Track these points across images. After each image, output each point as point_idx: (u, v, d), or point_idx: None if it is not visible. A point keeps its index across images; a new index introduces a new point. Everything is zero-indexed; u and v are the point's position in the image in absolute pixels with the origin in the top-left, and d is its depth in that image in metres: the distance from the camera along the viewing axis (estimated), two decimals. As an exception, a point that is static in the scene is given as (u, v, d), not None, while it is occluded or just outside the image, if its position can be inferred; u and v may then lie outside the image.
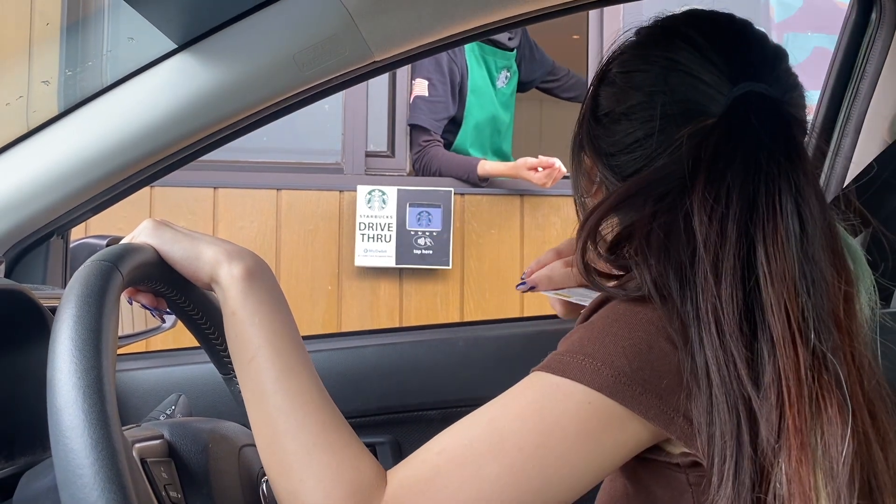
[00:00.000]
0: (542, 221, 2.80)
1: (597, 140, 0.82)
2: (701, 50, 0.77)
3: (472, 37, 1.16)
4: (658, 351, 0.67)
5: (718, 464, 0.64)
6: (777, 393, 0.63)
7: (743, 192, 0.68)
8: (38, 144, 1.09)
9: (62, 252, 1.22)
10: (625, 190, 0.76)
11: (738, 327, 0.65)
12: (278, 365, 0.69)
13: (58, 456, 0.52)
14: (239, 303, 0.71)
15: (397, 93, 2.90)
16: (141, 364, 1.38)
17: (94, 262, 0.63)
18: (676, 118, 0.75)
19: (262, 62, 1.06)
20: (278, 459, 0.67)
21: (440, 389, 1.38)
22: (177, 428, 0.71)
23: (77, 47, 1.25)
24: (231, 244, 0.75)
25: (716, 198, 0.68)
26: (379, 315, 2.74)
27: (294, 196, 2.74)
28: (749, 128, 0.71)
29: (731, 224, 0.67)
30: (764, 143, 0.70)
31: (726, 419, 0.64)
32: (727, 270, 0.66)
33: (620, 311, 0.70)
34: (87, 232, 2.13)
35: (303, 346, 0.72)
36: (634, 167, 0.78)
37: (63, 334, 0.57)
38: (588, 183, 0.86)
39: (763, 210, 0.68)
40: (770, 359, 0.64)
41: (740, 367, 0.64)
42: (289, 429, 0.67)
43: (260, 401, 0.69)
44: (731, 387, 0.64)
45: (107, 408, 0.53)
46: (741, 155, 0.70)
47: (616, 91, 0.81)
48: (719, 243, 0.67)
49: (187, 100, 1.07)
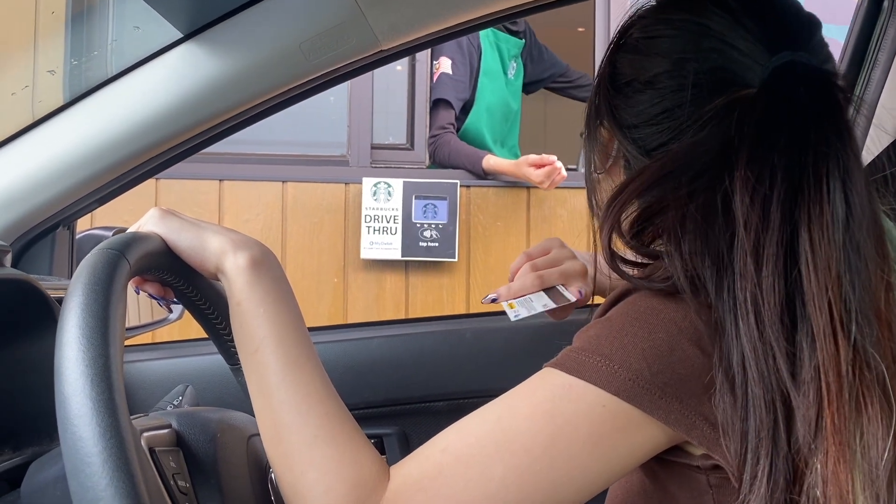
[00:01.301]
0: (549, 214, 2.79)
1: (616, 110, 0.76)
2: (734, 14, 0.71)
3: (478, 25, 1.15)
4: (680, 353, 0.63)
5: (752, 463, 0.60)
6: (816, 389, 0.59)
7: (788, 172, 0.63)
8: (43, 135, 1.08)
9: (68, 243, 1.22)
10: (659, 167, 0.70)
11: (779, 318, 0.61)
12: (282, 356, 0.68)
13: (66, 444, 0.52)
14: (245, 293, 0.70)
15: (416, 86, 2.89)
16: (147, 355, 1.38)
17: (102, 250, 0.63)
18: (708, 88, 0.70)
19: (269, 51, 1.06)
20: (281, 452, 0.66)
21: (447, 381, 1.37)
22: (185, 417, 0.71)
23: (82, 37, 1.25)
24: (237, 233, 0.74)
25: (758, 177, 0.63)
26: (385, 308, 2.74)
27: (299, 188, 2.74)
28: (796, 102, 0.65)
29: (774, 206, 0.62)
30: (812, 119, 0.64)
31: (763, 415, 0.60)
32: (769, 257, 0.61)
33: (641, 308, 0.66)
34: (92, 223, 2.13)
35: (308, 337, 0.72)
36: (659, 140, 0.73)
37: (70, 322, 0.56)
38: (603, 157, 0.80)
39: (809, 192, 0.62)
40: (810, 353, 0.60)
41: (780, 361, 0.60)
42: (291, 421, 0.66)
43: (264, 392, 0.68)
44: (769, 381, 0.60)
45: (115, 396, 0.53)
46: (788, 131, 0.64)
47: (638, 58, 0.75)
48: (761, 227, 0.62)
49: (193, 89, 1.07)
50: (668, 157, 0.70)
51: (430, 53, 2.86)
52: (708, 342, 0.63)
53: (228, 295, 0.72)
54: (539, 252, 1.02)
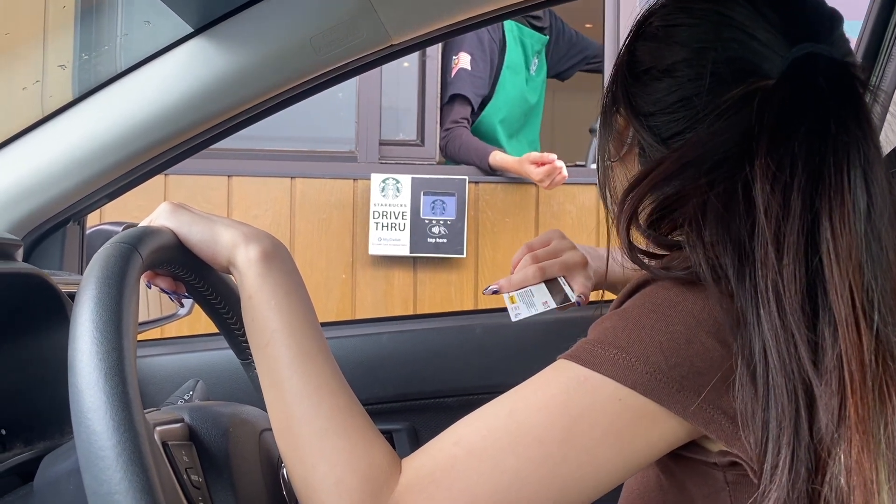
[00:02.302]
0: (558, 210, 2.78)
1: (634, 98, 0.76)
2: (755, 5, 0.71)
3: (489, 20, 1.15)
4: (698, 346, 0.62)
5: (773, 452, 0.60)
6: (839, 379, 0.59)
7: (809, 161, 0.63)
8: (54, 130, 1.08)
9: (79, 238, 1.22)
10: (678, 157, 0.70)
11: (801, 306, 0.60)
12: (294, 348, 0.68)
13: (80, 438, 0.52)
14: (256, 286, 0.70)
15: (427, 82, 2.88)
16: (157, 350, 1.38)
17: (114, 244, 0.63)
18: (726, 78, 0.70)
19: (279, 46, 1.05)
20: (292, 444, 0.66)
21: (457, 376, 1.37)
22: (197, 412, 0.70)
23: (92, 31, 1.25)
24: (248, 226, 0.74)
25: (779, 166, 0.63)
26: (393, 304, 2.73)
27: (308, 184, 2.74)
28: (816, 91, 0.65)
29: (795, 195, 0.62)
30: (832, 108, 0.64)
31: (784, 405, 0.59)
32: (790, 245, 0.61)
33: (658, 300, 0.65)
34: (101, 219, 2.13)
35: (319, 330, 0.71)
36: (675, 129, 0.73)
37: (84, 316, 0.56)
38: (618, 145, 0.80)
39: (830, 181, 0.62)
40: (832, 342, 0.60)
41: (801, 349, 0.60)
42: (303, 414, 0.66)
43: (275, 385, 0.68)
44: (791, 370, 0.60)
45: (129, 390, 0.52)
46: (808, 120, 0.64)
47: (657, 46, 0.76)
48: (782, 216, 0.62)
49: (203, 85, 1.07)
50: (687, 146, 0.70)
51: (442, 49, 2.86)
52: (727, 333, 0.63)
53: (240, 288, 0.72)
54: (540, 243, 1.02)
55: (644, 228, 0.71)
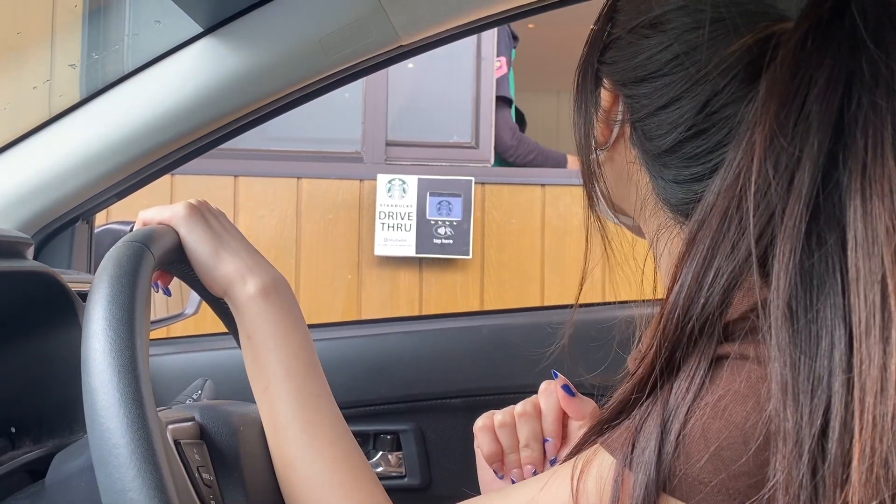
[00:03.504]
0: (564, 211, 2.78)
1: (618, 63, 0.62)
2: None
3: (499, 20, 1.15)
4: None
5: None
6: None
7: (824, 121, 0.49)
8: (63, 129, 1.09)
9: (87, 237, 1.22)
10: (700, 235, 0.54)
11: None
12: (293, 394, 0.68)
13: (93, 435, 0.52)
14: (255, 325, 0.70)
15: (482, 85, 2.89)
16: (165, 350, 1.38)
17: (126, 242, 0.63)
18: (731, 23, 0.56)
19: (288, 46, 1.05)
20: (290, 491, 0.66)
21: (464, 378, 1.37)
22: (208, 411, 0.71)
23: (101, 30, 1.25)
24: (253, 256, 0.73)
25: (792, 135, 0.50)
26: (399, 305, 2.73)
27: (314, 185, 2.74)
28: (845, 28, 0.50)
29: (803, 171, 0.49)
30: (867, 48, 0.49)
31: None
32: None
33: None
34: (108, 218, 2.14)
35: (320, 371, 0.71)
36: (672, 93, 0.58)
37: (97, 314, 0.56)
38: (605, 128, 0.65)
39: (859, 152, 0.48)
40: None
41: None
42: (300, 462, 0.66)
43: (275, 431, 0.68)
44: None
45: (142, 388, 0.53)
46: (827, 66, 0.50)
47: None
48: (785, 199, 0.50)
49: (213, 84, 1.07)
50: (705, 217, 0.54)
51: (496, 50, 2.88)
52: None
53: (239, 325, 0.71)
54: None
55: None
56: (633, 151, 0.64)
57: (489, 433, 0.76)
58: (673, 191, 0.61)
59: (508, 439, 0.76)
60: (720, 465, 0.49)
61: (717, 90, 0.56)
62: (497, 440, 0.76)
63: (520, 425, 0.75)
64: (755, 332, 0.51)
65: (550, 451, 0.75)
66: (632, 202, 0.66)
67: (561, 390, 0.74)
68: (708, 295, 0.52)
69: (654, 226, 0.64)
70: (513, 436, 0.76)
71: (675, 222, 0.62)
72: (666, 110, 0.59)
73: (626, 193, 0.67)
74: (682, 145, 0.59)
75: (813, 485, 0.46)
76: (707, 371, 0.52)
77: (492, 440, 0.76)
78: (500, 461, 0.77)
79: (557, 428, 0.75)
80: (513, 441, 0.76)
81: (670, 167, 0.60)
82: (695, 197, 0.59)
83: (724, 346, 0.52)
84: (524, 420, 0.75)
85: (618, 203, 0.69)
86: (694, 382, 0.52)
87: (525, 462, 0.75)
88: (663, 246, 0.63)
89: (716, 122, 0.57)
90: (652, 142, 0.61)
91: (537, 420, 0.75)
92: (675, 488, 0.50)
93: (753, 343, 0.51)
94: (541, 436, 0.75)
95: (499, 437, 0.76)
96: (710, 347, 0.52)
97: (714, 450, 0.49)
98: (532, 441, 0.74)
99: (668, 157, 0.60)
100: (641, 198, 0.64)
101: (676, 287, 0.54)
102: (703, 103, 0.57)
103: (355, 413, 1.30)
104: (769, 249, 0.51)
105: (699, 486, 0.49)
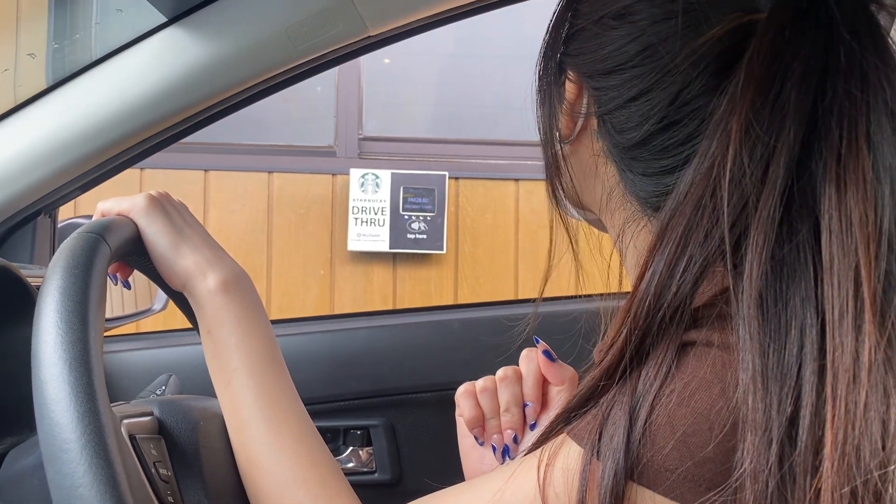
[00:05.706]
0: (538, 206, 2.78)
1: (584, 55, 0.61)
2: None
3: (469, 12, 1.14)
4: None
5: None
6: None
7: (799, 110, 0.49)
8: (24, 120, 1.06)
9: (50, 231, 1.20)
10: (670, 228, 0.54)
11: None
12: (255, 390, 0.67)
13: (43, 430, 0.50)
14: (215, 321, 0.68)
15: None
16: (130, 346, 1.36)
17: (81, 233, 0.62)
18: (702, 13, 0.55)
19: (255, 36, 1.04)
20: (255, 491, 0.65)
21: (435, 372, 1.36)
22: (167, 405, 0.69)
23: (65, 19, 1.23)
24: (214, 250, 0.72)
25: (768, 124, 0.50)
26: (372, 300, 2.72)
27: (286, 179, 2.72)
28: (821, 19, 0.51)
29: (777, 161, 0.49)
30: (843, 42, 0.50)
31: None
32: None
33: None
34: (76, 212, 2.10)
35: (283, 367, 0.70)
36: (641, 86, 0.58)
37: (49, 306, 0.55)
38: (569, 121, 0.64)
39: (833, 141, 0.48)
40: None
41: None
42: (263, 459, 0.65)
43: (238, 429, 0.67)
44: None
45: (94, 381, 0.51)
46: (806, 60, 0.50)
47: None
48: (760, 189, 0.50)
49: (178, 74, 1.05)
50: (676, 208, 0.55)
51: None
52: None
53: (199, 319, 0.70)
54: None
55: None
56: (599, 144, 0.63)
57: (471, 398, 0.76)
58: (642, 184, 0.60)
59: (490, 404, 0.76)
60: (686, 453, 0.49)
61: (689, 81, 0.56)
62: (478, 405, 0.76)
63: (501, 389, 0.75)
64: (722, 318, 0.52)
65: (530, 415, 0.75)
66: (596, 196, 0.65)
67: (542, 355, 0.75)
68: (680, 282, 0.52)
69: (621, 219, 0.63)
70: (494, 400, 0.76)
71: (642, 215, 0.61)
72: (636, 102, 0.58)
73: (591, 187, 0.66)
74: (653, 137, 0.58)
75: (781, 473, 0.47)
76: (674, 358, 0.52)
77: (473, 405, 0.76)
78: (481, 426, 0.77)
79: (537, 392, 0.75)
80: (494, 405, 0.76)
81: (640, 160, 0.60)
82: (665, 189, 0.58)
83: (691, 333, 0.53)
84: (505, 384, 0.75)
85: (581, 197, 0.68)
86: (661, 369, 0.52)
87: (505, 426, 0.75)
88: (629, 240, 0.63)
89: (687, 114, 0.57)
90: (622, 135, 0.60)
91: (518, 384, 0.75)
92: (641, 476, 0.50)
93: (719, 329, 0.52)
94: (521, 400, 0.75)
95: (480, 401, 0.76)
96: (678, 335, 0.52)
97: (680, 436, 0.49)
98: (513, 406, 0.75)
99: (639, 150, 0.59)
100: (607, 191, 0.63)
101: (648, 275, 0.54)
102: (674, 95, 0.57)
103: (325, 408, 1.29)
104: (742, 238, 0.51)
105: (665, 474, 0.49)
